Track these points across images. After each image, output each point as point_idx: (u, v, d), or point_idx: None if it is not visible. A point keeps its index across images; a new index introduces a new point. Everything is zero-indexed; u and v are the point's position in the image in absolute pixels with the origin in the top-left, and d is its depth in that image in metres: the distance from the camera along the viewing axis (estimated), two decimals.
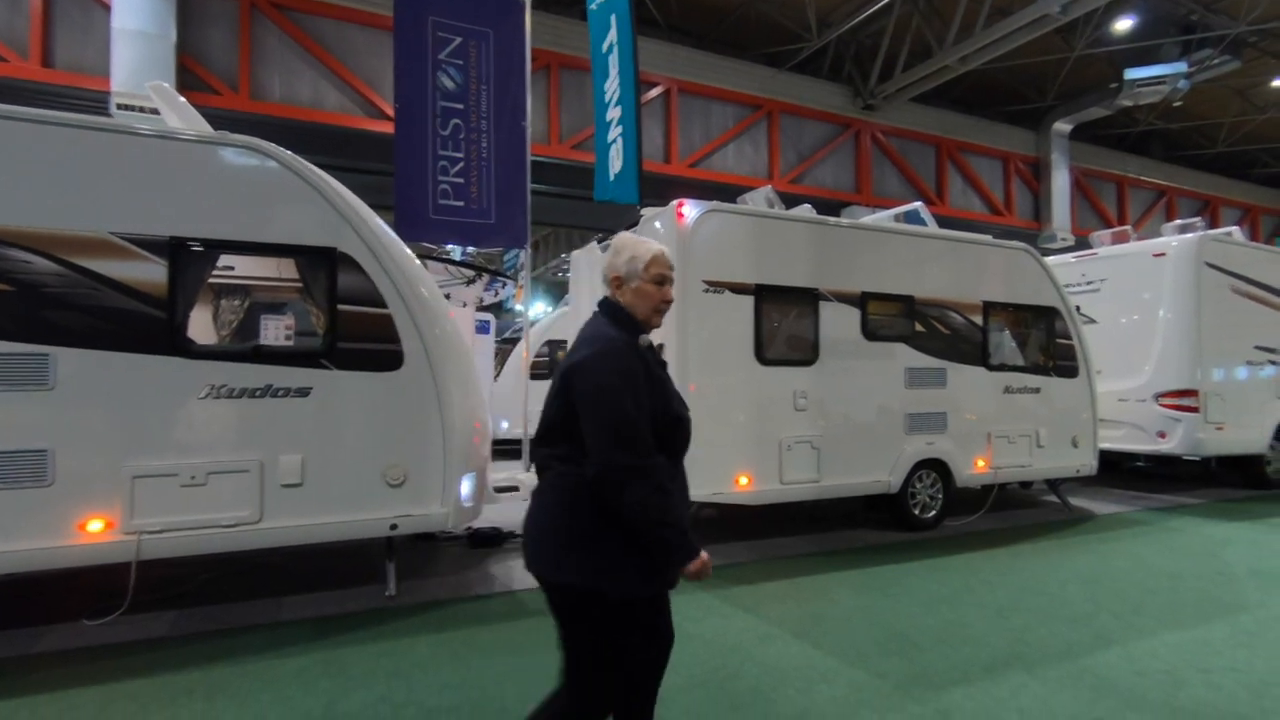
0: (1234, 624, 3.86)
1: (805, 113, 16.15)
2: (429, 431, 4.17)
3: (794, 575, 4.82)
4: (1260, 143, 21.55)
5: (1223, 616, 3.99)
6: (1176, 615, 4.01)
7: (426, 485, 4.17)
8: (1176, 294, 7.60)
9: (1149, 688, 3.09)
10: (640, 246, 2.00)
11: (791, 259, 5.60)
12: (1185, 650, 3.50)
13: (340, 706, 2.93)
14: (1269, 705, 2.93)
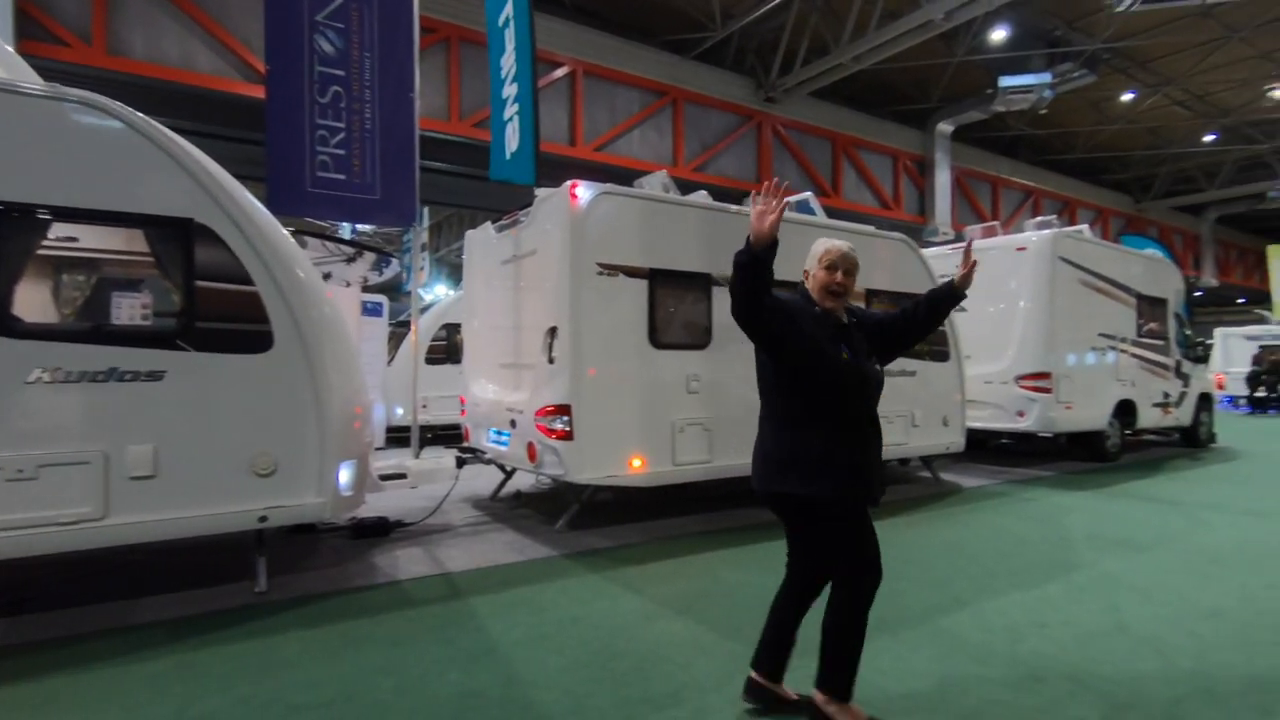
0: (1068, 582, 4.28)
1: (709, 102, 16.38)
2: (303, 417, 3.94)
3: (682, 555, 4.92)
4: (1111, 151, 23.85)
5: (1061, 576, 4.42)
6: (1023, 576, 4.40)
7: (300, 474, 3.94)
8: (1035, 285, 8.31)
9: (994, 642, 3.38)
10: (819, 244, 2.67)
11: (685, 244, 5.68)
12: (1027, 607, 3.85)
13: (194, 710, 2.74)
14: (1092, 653, 3.27)
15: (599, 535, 5.42)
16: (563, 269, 5.08)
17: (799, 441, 2.51)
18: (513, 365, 5.92)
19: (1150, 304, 9.84)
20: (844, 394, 2.55)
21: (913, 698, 2.85)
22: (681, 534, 5.50)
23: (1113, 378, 9.09)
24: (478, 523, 5.84)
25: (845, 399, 2.56)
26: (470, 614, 3.77)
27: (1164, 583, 4.29)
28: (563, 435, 5.05)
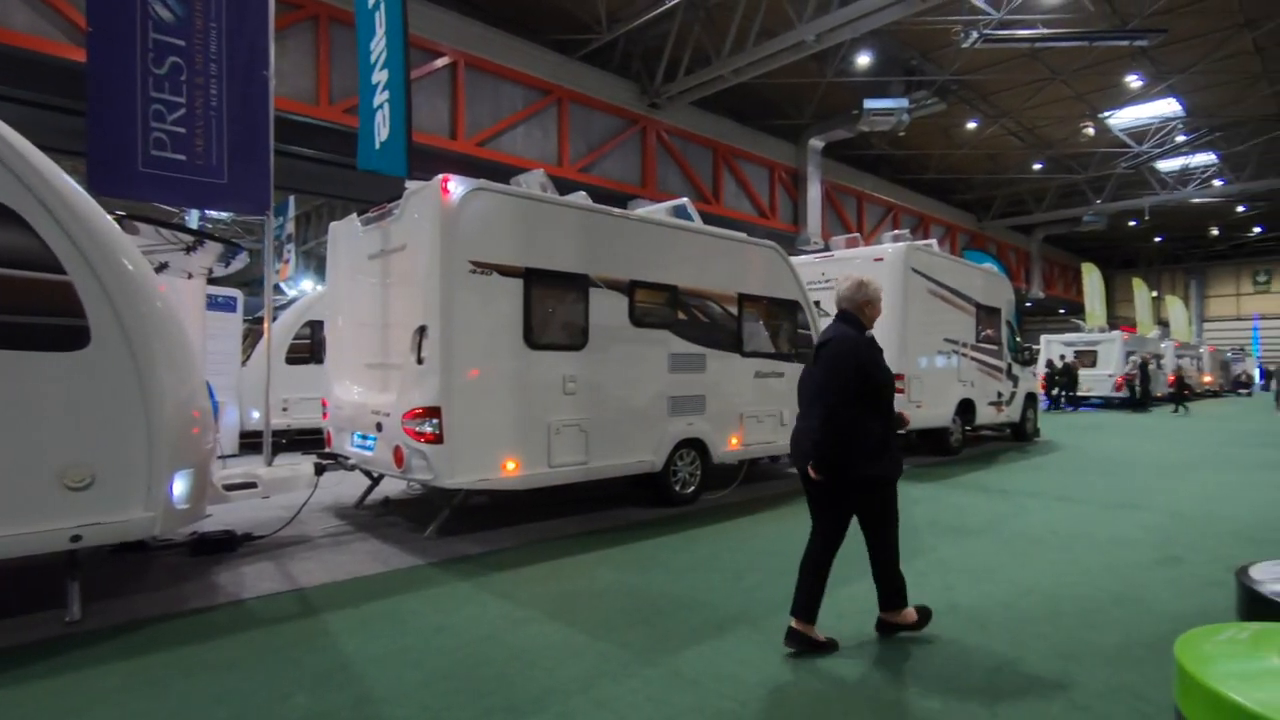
0: (910, 568, 4.59)
1: (595, 104, 16.43)
2: (128, 422, 3.53)
3: (557, 557, 4.89)
4: (958, 174, 26.30)
5: (905, 561, 4.76)
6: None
7: (124, 486, 3.53)
8: (890, 294, 8.96)
9: (843, 628, 3.60)
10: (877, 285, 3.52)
11: (563, 244, 5.64)
12: (873, 591, 4.13)
13: None
14: (928, 632, 3.56)
15: (471, 541, 5.26)
16: (433, 266, 4.89)
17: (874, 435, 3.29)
18: (379, 366, 5.63)
19: (987, 313, 10.94)
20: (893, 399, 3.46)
21: (769, 684, 2.98)
22: (557, 536, 5.46)
23: (956, 379, 10.02)
24: (339, 533, 5.50)
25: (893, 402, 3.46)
26: (323, 631, 3.53)
27: (990, 564, 4.76)
28: (432, 438, 4.86)
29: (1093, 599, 4.06)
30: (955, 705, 2.79)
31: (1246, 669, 1.17)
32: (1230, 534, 5.63)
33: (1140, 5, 14.98)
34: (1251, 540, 5.41)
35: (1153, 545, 5.26)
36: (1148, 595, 4.14)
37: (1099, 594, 4.16)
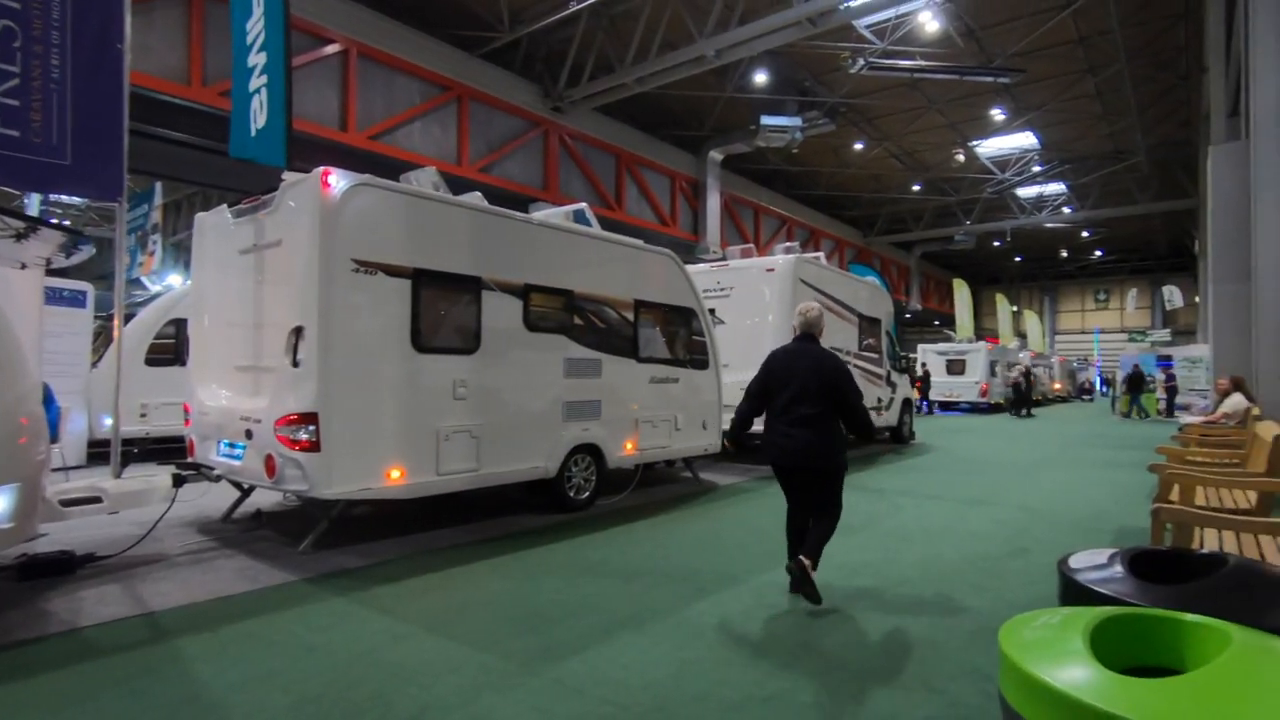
0: None
1: (497, 104, 16.14)
2: None
3: (444, 568, 4.73)
4: (846, 191, 27.85)
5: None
6: (758, 563, 4.89)
7: None
8: (780, 302, 9.38)
9: (728, 627, 3.70)
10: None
11: (455, 245, 5.49)
12: (758, 592, 4.29)
13: None
14: (809, 626, 3.72)
15: (351, 554, 5.00)
16: (311, 263, 4.62)
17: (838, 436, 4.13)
18: (250, 368, 5.24)
19: (869, 323, 11.64)
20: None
21: (653, 687, 3.00)
22: (445, 546, 5.28)
23: None
24: (202, 550, 5.07)
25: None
26: (176, 658, 3.23)
27: (865, 560, 5.05)
28: (307, 446, 4.58)
29: (954, 590, 4.39)
30: (826, 696, 2.92)
31: (1054, 651, 1.30)
32: (1070, 526, 6.26)
33: (1003, 46, 16.47)
34: (1087, 531, 6.04)
35: (1006, 538, 5.76)
36: (1000, 585, 4.52)
37: (959, 585, 4.50)
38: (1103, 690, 1.12)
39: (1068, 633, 1.34)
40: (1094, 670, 1.19)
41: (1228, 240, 12.37)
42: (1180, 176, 24.58)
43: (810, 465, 4.07)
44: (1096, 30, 15.92)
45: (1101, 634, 1.37)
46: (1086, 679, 1.17)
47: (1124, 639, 1.39)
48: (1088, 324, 45.30)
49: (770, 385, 4.20)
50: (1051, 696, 1.16)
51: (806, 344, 4.20)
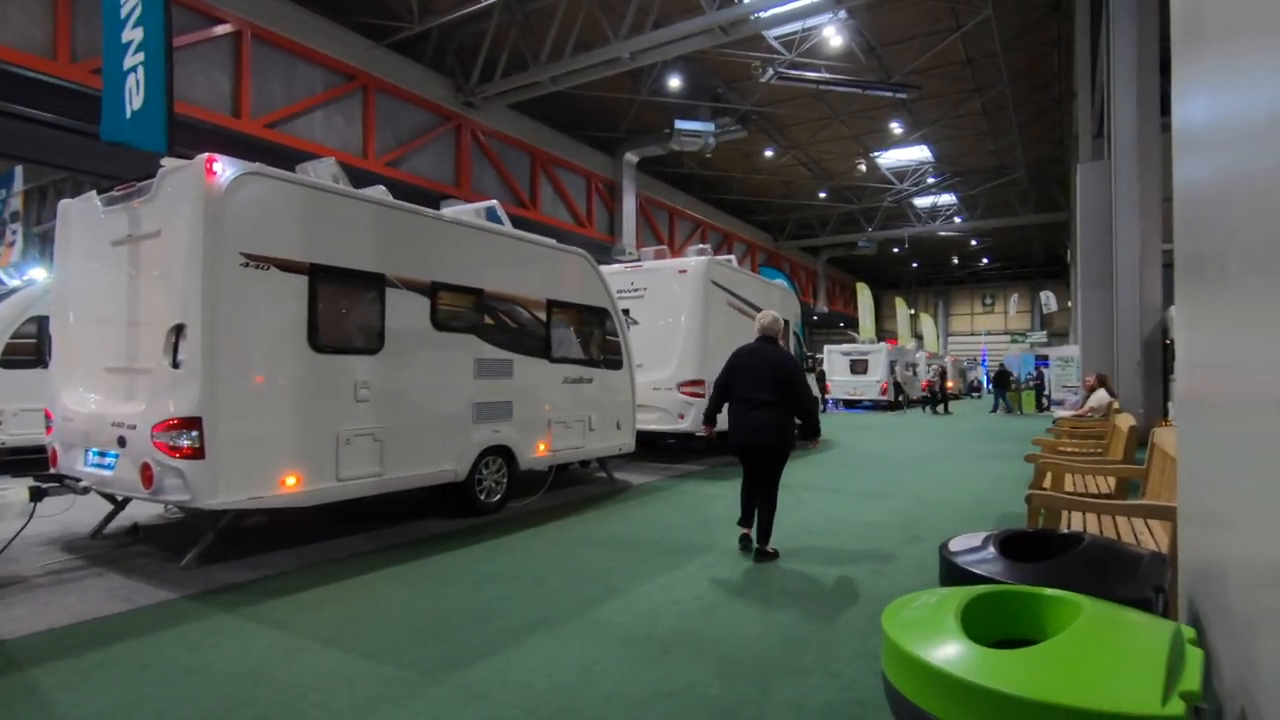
0: (703, 560, 4.95)
1: (405, 96, 15.62)
2: None
3: (343, 578, 4.51)
4: (758, 196, 28.69)
5: (698, 555, 5.08)
6: (668, 560, 4.95)
7: None
8: (692, 303, 9.55)
9: (637, 625, 3.72)
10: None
11: (356, 240, 5.25)
12: (667, 588, 4.33)
13: None
14: (713, 620, 3.79)
15: (240, 567, 4.68)
16: (193, 256, 4.29)
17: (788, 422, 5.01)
18: (123, 370, 4.82)
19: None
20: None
21: (560, 689, 2.97)
22: (345, 555, 5.04)
23: None
24: (66, 570, 4.61)
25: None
26: (29, 690, 2.92)
27: None
28: (190, 453, 4.25)
29: (853, 578, 4.59)
30: (731, 687, 2.99)
31: (929, 629, 1.37)
32: (957, 514, 6.69)
33: (900, 63, 17.45)
34: (972, 518, 6.48)
35: (900, 527, 6.09)
36: (895, 571, 4.76)
37: (858, 573, 4.71)
38: (967, 662, 1.20)
39: (942, 612, 1.42)
40: (962, 645, 1.27)
41: (1093, 250, 13.62)
42: (1055, 191, 26.84)
43: (765, 442, 4.94)
44: (983, 53, 17.14)
45: (972, 611, 1.46)
46: (955, 653, 1.24)
47: (992, 615, 1.50)
48: (976, 326, 48.64)
49: (733, 377, 5.09)
50: (924, 671, 1.23)
51: (765, 344, 5.11)
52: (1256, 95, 1.27)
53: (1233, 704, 1.44)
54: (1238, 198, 1.41)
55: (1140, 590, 1.73)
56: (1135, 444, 5.77)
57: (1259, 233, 1.23)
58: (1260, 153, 1.24)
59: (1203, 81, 1.72)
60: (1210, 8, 1.62)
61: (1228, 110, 1.48)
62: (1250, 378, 1.28)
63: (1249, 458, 1.30)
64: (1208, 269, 1.71)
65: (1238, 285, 1.40)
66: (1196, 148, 1.85)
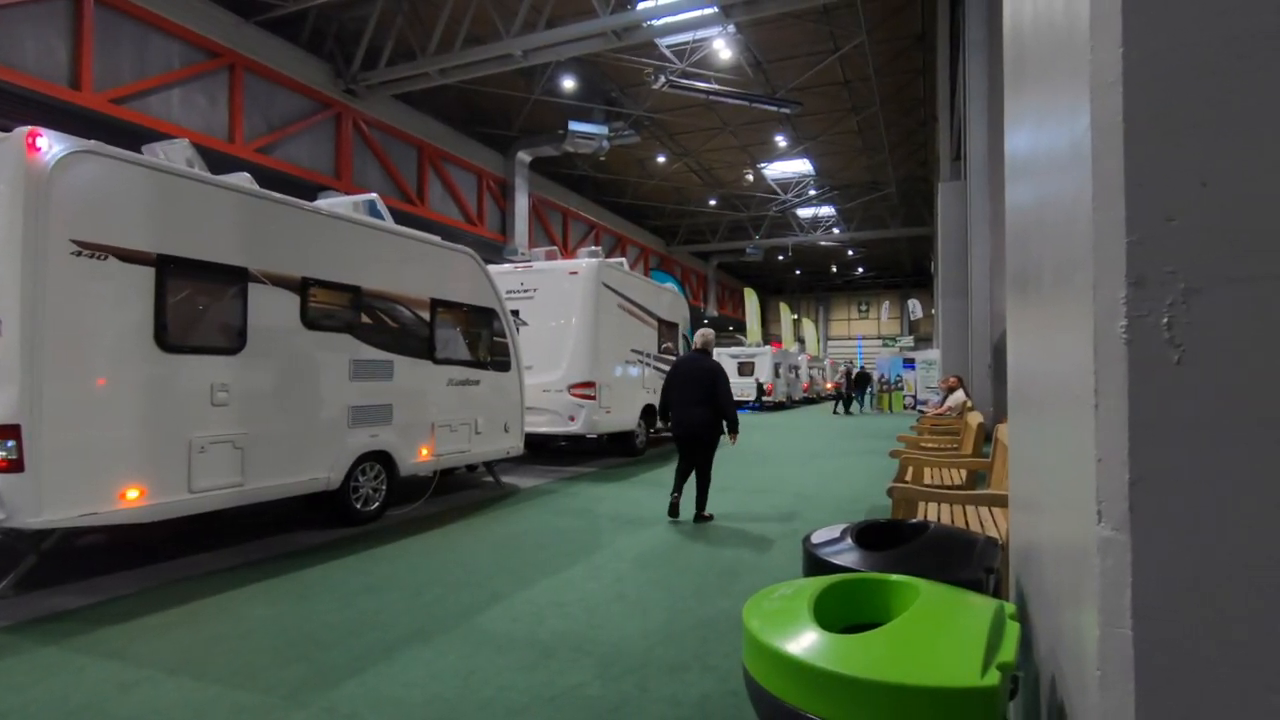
0: (589, 563, 4.94)
1: (279, 79, 14.58)
2: None
3: (193, 599, 4.13)
4: (650, 201, 29.13)
5: (584, 558, 5.07)
6: (555, 564, 4.91)
7: None
8: (583, 305, 9.54)
9: (519, 630, 3.65)
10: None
11: (214, 230, 4.83)
12: (552, 591, 4.29)
13: None
14: (597, 622, 3.79)
15: (72, 592, 4.18)
16: (11, 243, 3.78)
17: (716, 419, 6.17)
18: None
19: (668, 327, 12.25)
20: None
21: (436, 702, 2.86)
22: (200, 573, 4.62)
23: (641, 386, 11.01)
24: None
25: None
26: None
27: (655, 551, 5.28)
28: (5, 466, 3.74)
29: (732, 571, 4.75)
30: (611, 688, 3.00)
31: (784, 619, 1.43)
32: (833, 508, 7.08)
33: (785, 79, 18.31)
34: (847, 512, 6.88)
35: (781, 521, 6.37)
36: (773, 564, 4.97)
37: (739, 567, 4.87)
38: (813, 648, 1.26)
39: (797, 602, 1.49)
40: (811, 632, 1.33)
41: (952, 262, 14.89)
42: (921, 207, 29.11)
43: (696, 435, 6.19)
44: (858, 76, 18.31)
45: (825, 600, 1.54)
46: (803, 640, 1.31)
47: (843, 602, 1.59)
48: (853, 331, 51.84)
49: (673, 382, 6.32)
50: (774, 658, 1.28)
51: (699, 355, 6.33)
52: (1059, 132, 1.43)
53: (1045, 671, 1.61)
54: (1048, 221, 1.58)
55: (974, 572, 1.90)
56: (983, 439, 6.35)
57: (1060, 253, 1.39)
58: (1061, 182, 1.40)
59: (1026, 116, 1.92)
60: (1030, 53, 1.81)
61: (1041, 143, 1.66)
62: (1056, 379, 1.44)
63: (1055, 448, 1.46)
64: (1028, 283, 1.91)
65: (1048, 298, 1.57)
66: (1021, 174, 2.05)
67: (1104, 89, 1.10)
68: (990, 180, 12.41)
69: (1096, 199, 1.12)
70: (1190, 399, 1.02)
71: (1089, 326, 1.14)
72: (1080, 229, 1.22)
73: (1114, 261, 1.08)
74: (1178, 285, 1.03)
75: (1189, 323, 1.02)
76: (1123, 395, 1.06)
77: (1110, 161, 1.09)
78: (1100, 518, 1.09)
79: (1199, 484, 1.03)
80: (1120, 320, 1.06)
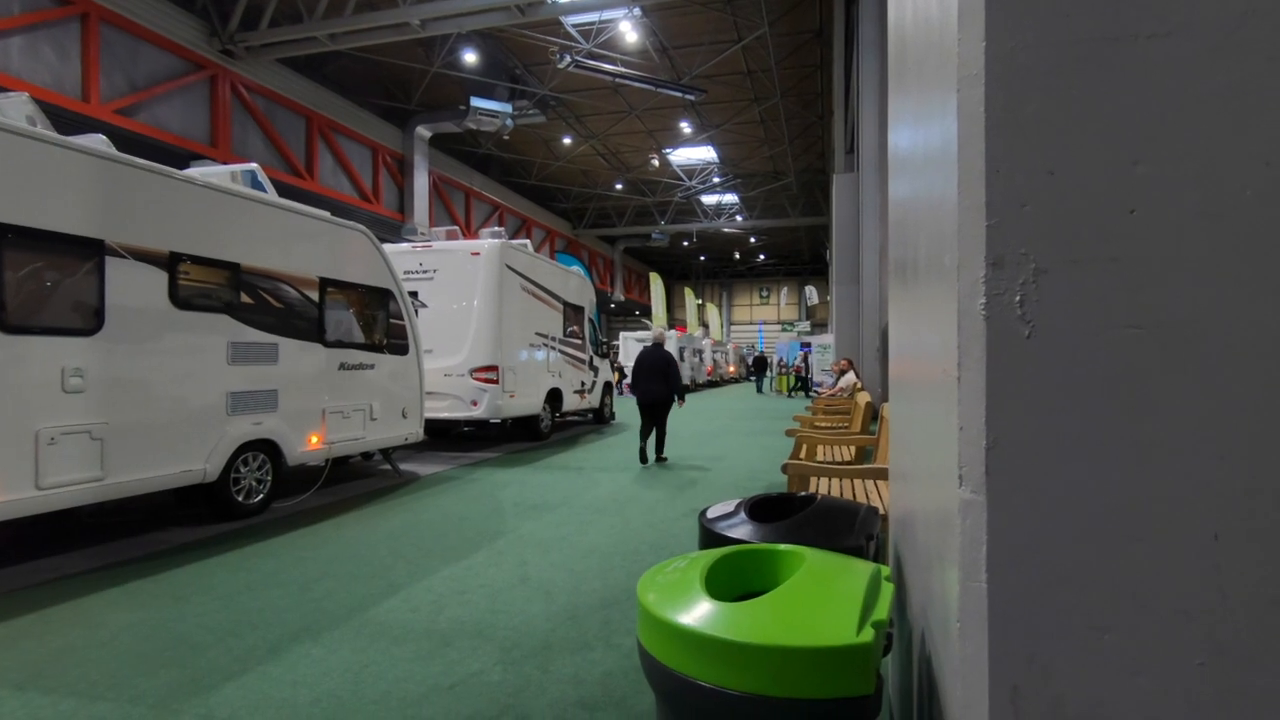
0: (492, 548, 4.87)
1: (143, 33, 13.22)
2: None
3: (44, 605, 3.73)
4: (557, 183, 28.75)
5: (487, 544, 4.99)
6: (456, 551, 4.80)
7: None
8: (485, 288, 9.31)
9: (416, 620, 3.55)
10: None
11: (62, 198, 4.33)
12: (453, 579, 4.20)
13: None
14: (499, 607, 3.74)
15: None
16: None
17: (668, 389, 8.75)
18: None
19: (574, 310, 12.18)
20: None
21: (326, 699, 2.74)
22: (53, 578, 4.18)
23: (546, 370, 10.90)
24: None
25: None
26: None
27: (560, 535, 5.27)
28: None
29: (636, 551, 4.81)
30: (512, 672, 2.97)
31: (676, 592, 1.46)
32: (731, 485, 7.32)
33: (690, 66, 18.48)
34: (744, 489, 7.12)
35: (683, 501, 6.51)
36: (674, 542, 5.08)
37: (641, 546, 4.94)
38: (703, 617, 1.30)
39: (689, 574, 1.53)
40: (702, 602, 1.37)
41: (845, 250, 15.64)
42: (819, 197, 30.33)
43: (656, 402, 8.68)
44: (760, 67, 18.76)
45: (716, 571, 1.58)
46: (693, 610, 1.34)
47: (734, 573, 1.64)
48: (754, 316, 53.55)
49: (640, 366, 8.71)
50: (665, 629, 1.31)
51: (656, 347, 8.81)
52: (932, 127, 1.52)
53: (917, 627, 1.73)
54: (922, 210, 1.68)
55: (857, 540, 2.01)
56: (870, 417, 6.74)
57: (932, 240, 1.48)
58: (932, 173, 1.49)
59: (906, 112, 2.03)
60: (910, 51, 1.91)
61: (919, 139, 1.75)
62: (927, 357, 1.54)
63: (926, 422, 1.56)
64: (906, 270, 2.02)
65: (921, 283, 1.67)
66: (901, 169, 2.17)
67: (969, 81, 1.17)
68: (880, 173, 13.09)
69: (961, 185, 1.19)
70: (1037, 370, 1.12)
71: (954, 306, 1.22)
72: (947, 214, 1.30)
73: (975, 244, 1.16)
74: (1029, 265, 1.11)
75: (1038, 300, 1.11)
76: (981, 368, 1.14)
77: (973, 150, 1.16)
78: (961, 482, 1.18)
79: (1044, 447, 1.13)
80: (980, 298, 1.14)
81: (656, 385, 8.56)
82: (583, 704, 2.72)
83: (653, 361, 8.64)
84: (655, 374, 8.56)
